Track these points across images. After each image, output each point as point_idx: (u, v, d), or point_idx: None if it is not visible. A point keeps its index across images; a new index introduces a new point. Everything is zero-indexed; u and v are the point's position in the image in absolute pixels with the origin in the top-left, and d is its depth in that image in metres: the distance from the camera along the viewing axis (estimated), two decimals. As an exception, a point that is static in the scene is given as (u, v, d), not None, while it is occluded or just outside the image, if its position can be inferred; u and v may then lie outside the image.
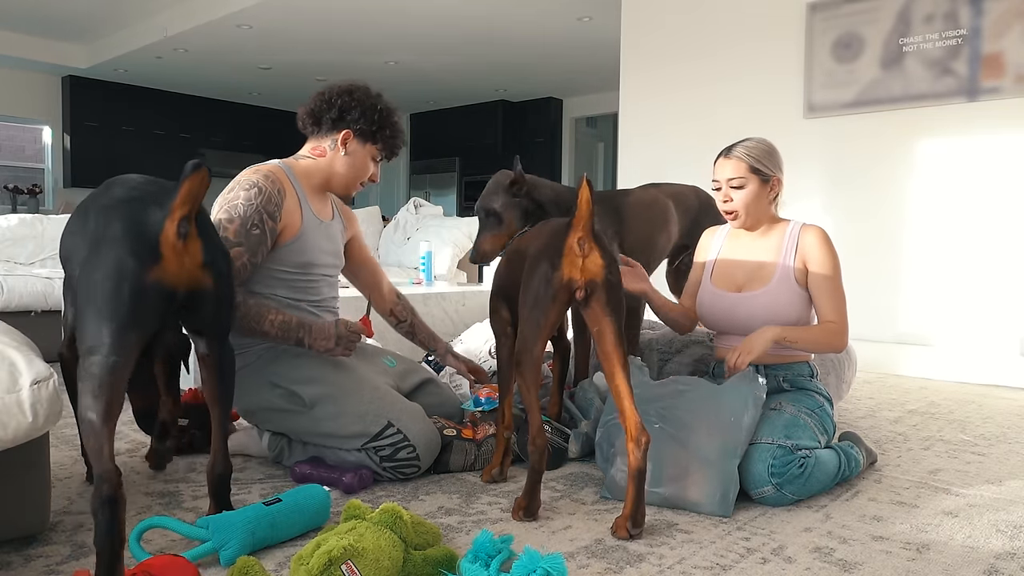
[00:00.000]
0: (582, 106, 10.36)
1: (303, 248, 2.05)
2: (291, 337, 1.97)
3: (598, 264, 1.67)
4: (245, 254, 1.93)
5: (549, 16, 6.70)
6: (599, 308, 1.67)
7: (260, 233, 1.94)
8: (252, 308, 1.93)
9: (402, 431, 1.93)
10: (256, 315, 1.93)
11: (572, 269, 1.66)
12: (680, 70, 4.90)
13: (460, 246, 5.34)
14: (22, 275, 3.86)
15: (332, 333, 1.99)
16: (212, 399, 1.63)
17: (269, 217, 1.96)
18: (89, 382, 1.32)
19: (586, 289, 1.68)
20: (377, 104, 2.12)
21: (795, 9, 4.37)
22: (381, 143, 2.14)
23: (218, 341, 1.61)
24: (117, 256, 1.37)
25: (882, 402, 3.16)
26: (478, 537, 1.39)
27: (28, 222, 4.72)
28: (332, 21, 6.90)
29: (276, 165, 2.06)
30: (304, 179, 2.10)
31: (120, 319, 1.34)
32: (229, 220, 1.92)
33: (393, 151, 2.19)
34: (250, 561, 1.31)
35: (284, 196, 2.00)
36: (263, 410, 2.03)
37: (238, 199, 1.94)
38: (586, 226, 1.66)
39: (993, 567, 1.50)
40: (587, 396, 2.29)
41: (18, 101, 9.16)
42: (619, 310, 1.69)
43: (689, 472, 1.79)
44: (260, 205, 1.94)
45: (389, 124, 2.14)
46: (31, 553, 1.51)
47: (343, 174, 2.12)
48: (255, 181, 1.97)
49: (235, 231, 1.92)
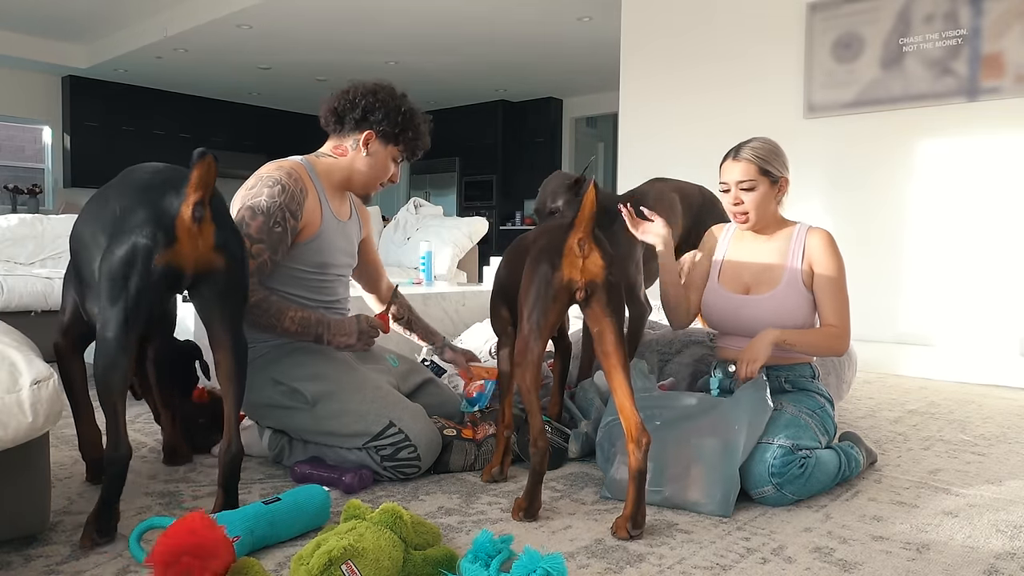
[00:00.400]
0: (582, 106, 10.35)
1: (320, 248, 2.06)
2: (310, 333, 2.00)
3: (598, 265, 1.68)
4: (266, 251, 1.94)
5: (549, 16, 6.70)
6: (599, 309, 1.68)
7: (281, 231, 1.95)
8: (273, 304, 1.95)
9: (403, 431, 1.93)
10: (277, 311, 1.95)
11: (572, 270, 1.67)
12: (680, 70, 4.90)
13: (460, 246, 5.34)
14: (22, 275, 3.86)
15: (353, 329, 2.04)
16: (226, 380, 1.66)
17: (291, 215, 1.97)
18: (102, 358, 1.48)
19: (586, 290, 1.68)
20: (401, 106, 2.12)
21: (795, 9, 4.37)
22: (403, 144, 2.14)
23: (231, 323, 1.64)
24: (135, 240, 1.47)
25: (882, 402, 3.16)
26: (478, 537, 1.39)
27: (28, 222, 4.71)
28: (332, 21, 6.90)
29: (298, 162, 2.06)
30: (325, 177, 2.10)
31: (131, 299, 1.47)
32: (252, 216, 1.92)
33: (415, 152, 2.19)
34: (250, 561, 1.31)
35: (306, 195, 2.00)
36: (265, 407, 2.04)
37: (261, 195, 1.94)
38: (587, 227, 1.66)
39: (993, 567, 1.50)
40: (587, 396, 2.29)
41: (18, 101, 9.16)
42: (619, 311, 1.70)
43: (690, 472, 1.79)
44: (284, 203, 1.95)
45: (412, 126, 2.14)
46: (31, 553, 1.51)
47: (364, 173, 2.12)
48: (278, 178, 1.97)
49: (257, 228, 1.92)
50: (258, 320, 1.94)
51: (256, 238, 1.92)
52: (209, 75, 9.12)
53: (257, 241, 1.92)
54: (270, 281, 2.01)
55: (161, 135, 9.99)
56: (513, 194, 10.88)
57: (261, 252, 1.93)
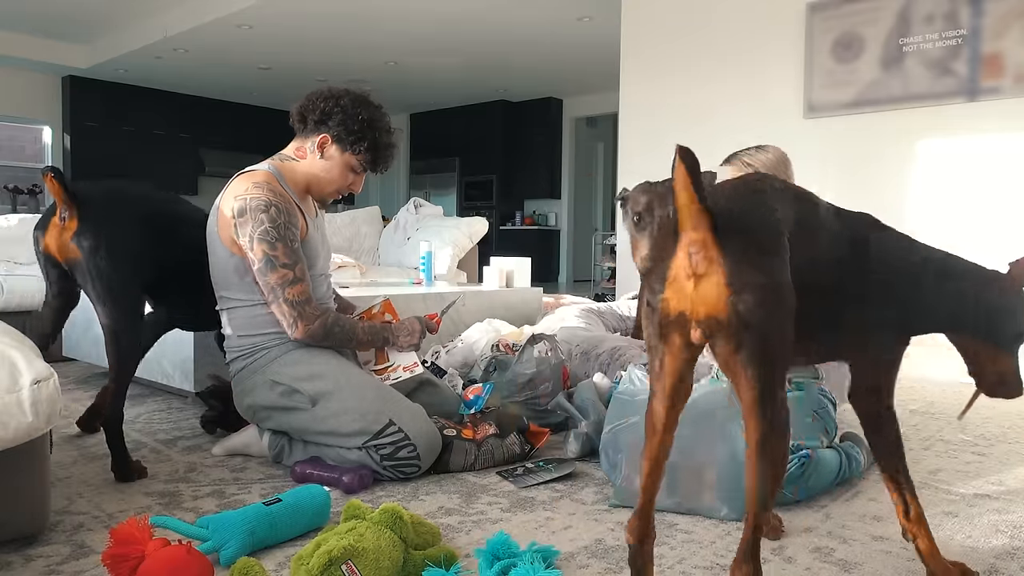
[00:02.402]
0: (582, 106, 10.36)
1: (307, 252, 2.09)
2: (378, 340, 2.12)
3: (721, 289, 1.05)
4: (305, 268, 2.00)
5: (549, 16, 6.70)
6: (728, 355, 1.08)
7: (299, 246, 2.02)
8: (346, 322, 2.06)
9: (403, 430, 1.93)
10: (350, 326, 2.06)
11: (680, 298, 1.09)
12: (680, 70, 4.90)
13: (460, 246, 5.34)
14: (22, 275, 3.86)
15: (417, 328, 2.14)
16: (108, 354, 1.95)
17: (294, 226, 2.01)
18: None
19: (706, 329, 1.08)
20: (360, 114, 2.08)
21: (795, 9, 4.37)
22: (361, 154, 2.10)
23: (98, 306, 1.93)
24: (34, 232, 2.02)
25: (882, 402, 3.16)
26: (494, 537, 1.38)
27: (28, 222, 4.71)
28: (332, 21, 6.90)
29: (267, 172, 2.06)
30: (291, 181, 2.11)
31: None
32: (273, 248, 1.95)
33: (376, 164, 2.14)
34: (250, 561, 1.31)
35: (290, 204, 2.03)
36: (265, 409, 2.04)
37: (265, 224, 1.95)
38: (702, 224, 1.04)
39: (993, 567, 1.50)
40: (587, 396, 2.29)
41: (18, 101, 9.17)
42: (763, 360, 1.06)
43: (703, 477, 1.76)
44: (285, 221, 1.98)
45: (371, 135, 2.09)
46: (31, 553, 1.51)
47: (320, 178, 2.12)
48: (266, 201, 1.97)
49: (284, 253, 1.96)
50: (340, 338, 2.04)
51: (291, 262, 1.96)
52: (209, 75, 9.12)
53: (295, 264, 1.97)
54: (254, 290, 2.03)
55: (161, 135, 9.99)
56: (513, 194, 10.88)
57: (304, 272, 1.98)
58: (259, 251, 1.94)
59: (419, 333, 2.14)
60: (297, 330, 1.98)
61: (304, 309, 1.97)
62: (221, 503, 1.80)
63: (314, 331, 1.98)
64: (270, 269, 1.95)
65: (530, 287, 4.28)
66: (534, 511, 1.77)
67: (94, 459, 2.15)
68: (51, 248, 1.94)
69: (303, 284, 1.97)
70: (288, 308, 1.97)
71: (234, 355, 2.08)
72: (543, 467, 2.03)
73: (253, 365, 2.04)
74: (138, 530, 1.35)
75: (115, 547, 1.33)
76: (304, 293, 1.98)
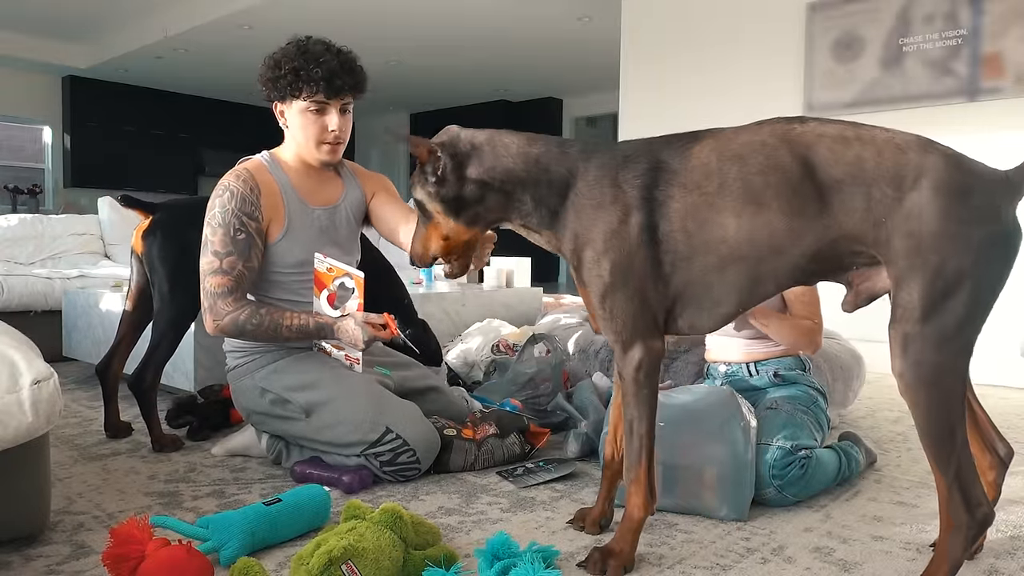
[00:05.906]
0: (582, 106, 10.36)
1: (291, 246, 2.00)
2: (311, 340, 1.97)
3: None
4: (239, 261, 1.91)
5: (549, 16, 6.70)
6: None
7: (246, 237, 1.92)
8: (265, 317, 1.89)
9: (401, 436, 1.92)
10: (271, 324, 1.89)
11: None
12: (679, 70, 4.90)
13: (460, 246, 5.33)
14: (22, 275, 3.86)
15: (360, 341, 1.88)
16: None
17: (249, 218, 1.93)
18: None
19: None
20: (279, 63, 1.94)
21: (795, 9, 4.37)
22: (300, 91, 1.93)
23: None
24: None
25: (882, 402, 3.16)
26: (495, 537, 1.38)
27: (28, 222, 4.72)
28: (332, 21, 6.90)
29: (257, 160, 2.05)
30: (286, 165, 2.06)
31: None
32: (213, 232, 1.92)
33: (318, 85, 1.92)
34: (250, 561, 1.31)
35: (259, 194, 1.96)
36: (259, 414, 2.03)
37: (215, 208, 1.93)
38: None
39: (993, 567, 1.50)
40: (587, 396, 2.29)
41: (18, 101, 9.16)
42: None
43: (703, 477, 1.76)
44: (236, 209, 1.92)
45: (291, 69, 1.92)
46: (31, 553, 1.51)
47: (299, 143, 2.03)
48: (227, 185, 1.95)
49: (220, 241, 1.90)
50: (257, 335, 1.90)
51: (223, 252, 1.89)
52: (209, 75, 9.12)
53: (225, 255, 1.89)
54: (255, 289, 2.00)
55: (161, 135, 9.99)
56: (513, 194, 10.84)
57: (234, 264, 1.90)
58: (205, 233, 1.93)
59: (362, 344, 1.89)
60: (207, 323, 1.92)
61: (216, 303, 1.89)
62: (221, 503, 1.80)
63: (223, 327, 1.89)
64: (203, 253, 1.92)
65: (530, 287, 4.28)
66: (534, 511, 1.77)
67: (94, 459, 2.15)
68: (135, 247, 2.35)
69: (226, 277, 1.89)
70: (203, 298, 1.91)
71: (228, 352, 2.08)
72: (543, 467, 2.03)
73: (244, 368, 2.03)
74: (138, 530, 1.35)
75: (115, 547, 1.33)
76: (222, 286, 1.89)
